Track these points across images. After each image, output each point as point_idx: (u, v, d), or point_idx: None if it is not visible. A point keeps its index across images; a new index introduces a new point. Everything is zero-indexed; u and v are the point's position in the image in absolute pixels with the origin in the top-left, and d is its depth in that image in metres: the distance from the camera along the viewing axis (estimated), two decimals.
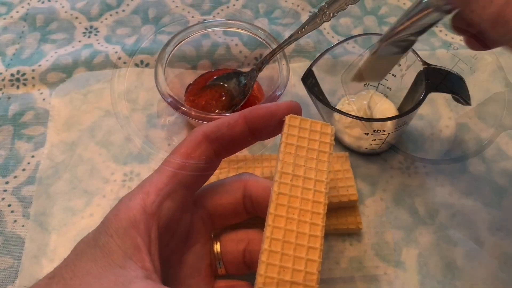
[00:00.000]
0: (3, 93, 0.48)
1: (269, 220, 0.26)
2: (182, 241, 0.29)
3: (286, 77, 0.43)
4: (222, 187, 0.31)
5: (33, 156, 0.44)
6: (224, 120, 0.29)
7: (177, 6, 0.56)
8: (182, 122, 0.46)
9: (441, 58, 0.50)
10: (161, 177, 0.27)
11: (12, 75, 0.49)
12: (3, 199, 0.42)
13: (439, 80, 0.38)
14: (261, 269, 0.24)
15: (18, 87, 0.49)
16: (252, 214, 0.31)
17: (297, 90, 0.48)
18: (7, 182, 0.42)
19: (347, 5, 0.41)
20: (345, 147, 0.44)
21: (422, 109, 0.46)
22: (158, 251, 0.25)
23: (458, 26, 0.29)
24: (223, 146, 0.29)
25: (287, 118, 0.28)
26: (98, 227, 0.26)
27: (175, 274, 0.28)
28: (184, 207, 0.28)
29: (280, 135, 0.29)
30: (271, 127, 0.29)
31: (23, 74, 0.49)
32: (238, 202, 0.30)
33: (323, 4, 0.41)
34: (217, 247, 0.30)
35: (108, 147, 0.44)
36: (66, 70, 0.49)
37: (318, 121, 0.29)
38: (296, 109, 0.29)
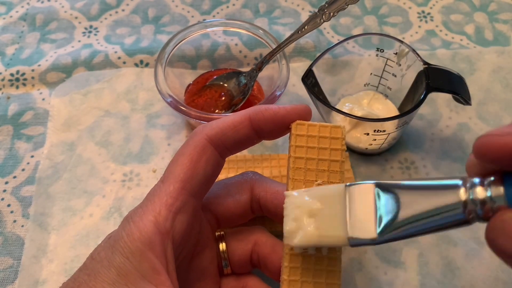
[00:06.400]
0: (2, 93, 0.48)
1: (286, 249, 0.25)
2: (192, 248, 0.28)
3: (286, 77, 0.43)
4: (227, 190, 0.30)
5: (32, 156, 0.44)
6: (228, 122, 0.27)
7: (177, 6, 0.56)
8: (182, 122, 0.46)
9: (441, 58, 0.50)
10: (169, 190, 0.25)
11: (11, 74, 0.49)
12: (2, 199, 0.41)
13: (439, 80, 0.38)
14: None
15: (17, 87, 0.49)
16: (258, 214, 0.30)
17: (297, 90, 0.48)
18: (6, 182, 0.42)
19: (347, 5, 0.41)
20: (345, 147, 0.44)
21: (422, 109, 0.46)
22: (175, 270, 0.25)
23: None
24: (228, 148, 0.27)
25: (293, 127, 0.26)
26: (109, 245, 0.24)
27: (183, 279, 0.28)
28: (195, 217, 0.27)
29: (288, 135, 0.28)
30: (278, 130, 0.27)
31: (23, 74, 0.49)
32: (245, 205, 0.29)
33: (323, 3, 0.41)
34: (222, 247, 0.30)
35: (107, 147, 0.44)
36: (65, 70, 0.49)
37: (327, 125, 0.27)
38: (305, 114, 0.27)
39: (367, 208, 0.23)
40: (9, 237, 0.39)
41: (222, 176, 0.39)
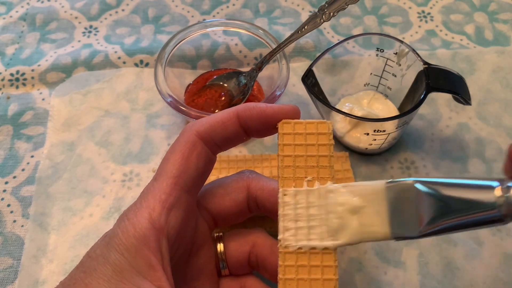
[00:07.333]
0: (2, 93, 0.48)
1: (280, 248, 0.25)
2: (188, 246, 0.28)
3: (286, 77, 0.43)
4: (224, 189, 0.30)
5: (32, 156, 0.44)
6: (217, 118, 0.27)
7: (177, 6, 0.56)
8: (182, 122, 0.46)
9: (441, 58, 0.50)
10: (162, 186, 0.25)
11: (11, 74, 0.49)
12: (2, 199, 0.41)
13: (439, 80, 0.38)
14: None
15: (17, 87, 0.49)
16: (255, 212, 0.31)
17: (297, 90, 0.48)
18: (6, 182, 0.42)
19: (347, 5, 0.41)
20: (345, 147, 0.44)
21: (422, 109, 0.46)
22: (170, 266, 0.25)
23: None
24: (217, 144, 0.28)
25: (279, 127, 0.27)
26: (105, 242, 0.24)
27: (181, 277, 0.28)
28: (189, 213, 0.27)
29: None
30: (265, 129, 0.28)
31: (23, 74, 0.49)
32: (241, 203, 0.29)
33: (323, 3, 0.41)
34: (220, 247, 0.30)
35: (107, 147, 0.44)
36: (65, 70, 0.49)
37: (313, 121, 0.27)
38: (293, 114, 0.27)
39: (408, 204, 0.24)
40: (9, 237, 0.39)
41: (222, 176, 0.39)
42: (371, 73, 0.45)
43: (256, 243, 0.29)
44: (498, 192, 0.22)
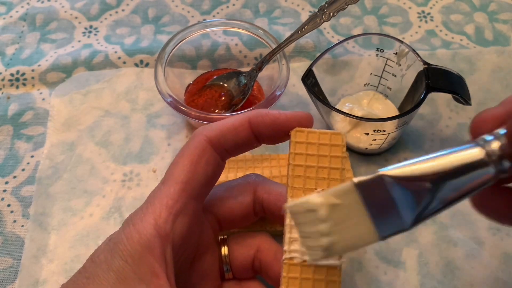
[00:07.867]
0: (2, 93, 0.48)
1: (285, 259, 0.25)
2: (193, 251, 0.28)
3: (286, 77, 0.43)
4: (230, 192, 0.29)
5: (32, 156, 0.44)
6: (228, 124, 0.27)
7: (177, 6, 0.56)
8: (182, 122, 0.46)
9: (441, 58, 0.50)
10: (169, 192, 0.25)
11: (11, 74, 0.49)
12: (2, 199, 0.42)
13: (439, 80, 0.38)
14: None
15: (17, 87, 0.49)
16: (261, 216, 0.30)
17: (297, 90, 0.48)
18: (6, 182, 0.42)
19: (347, 5, 0.41)
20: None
21: (422, 109, 0.46)
22: (174, 273, 0.25)
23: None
24: (227, 150, 0.27)
25: (292, 134, 0.26)
26: (109, 247, 0.24)
27: (184, 282, 0.28)
28: (196, 219, 0.27)
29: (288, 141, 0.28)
30: (278, 136, 0.27)
31: (23, 74, 0.49)
32: (247, 207, 0.29)
33: (323, 3, 0.41)
34: (224, 251, 0.30)
35: (107, 147, 0.44)
36: (65, 70, 0.49)
37: (327, 131, 0.26)
38: (306, 121, 0.27)
39: (385, 197, 0.21)
40: (9, 237, 0.39)
41: (222, 175, 0.39)
42: (371, 73, 0.45)
43: (261, 248, 0.29)
44: (485, 148, 0.20)
